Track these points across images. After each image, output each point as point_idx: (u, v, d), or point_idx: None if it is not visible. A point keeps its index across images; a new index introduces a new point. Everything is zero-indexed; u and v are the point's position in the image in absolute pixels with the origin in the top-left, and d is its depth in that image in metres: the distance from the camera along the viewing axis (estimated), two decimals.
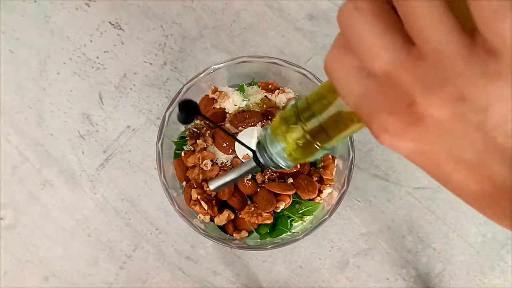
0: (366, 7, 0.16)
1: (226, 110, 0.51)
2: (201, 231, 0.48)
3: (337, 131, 0.22)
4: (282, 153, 0.25)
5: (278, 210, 0.49)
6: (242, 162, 0.30)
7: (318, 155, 0.25)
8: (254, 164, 0.28)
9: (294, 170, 0.49)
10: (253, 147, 0.47)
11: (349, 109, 0.20)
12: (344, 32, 0.17)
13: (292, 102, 0.24)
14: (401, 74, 0.15)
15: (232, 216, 0.49)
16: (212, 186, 0.31)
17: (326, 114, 0.22)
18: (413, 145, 0.16)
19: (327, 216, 0.48)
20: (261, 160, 0.27)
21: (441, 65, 0.14)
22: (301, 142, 0.24)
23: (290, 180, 0.50)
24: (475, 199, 0.17)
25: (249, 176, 0.50)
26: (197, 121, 0.52)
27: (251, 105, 0.51)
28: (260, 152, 0.27)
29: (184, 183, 0.51)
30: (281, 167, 0.27)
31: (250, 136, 0.47)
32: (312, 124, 0.23)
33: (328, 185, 0.50)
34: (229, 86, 0.53)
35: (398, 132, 0.16)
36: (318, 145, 0.23)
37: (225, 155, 0.50)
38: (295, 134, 0.24)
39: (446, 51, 0.14)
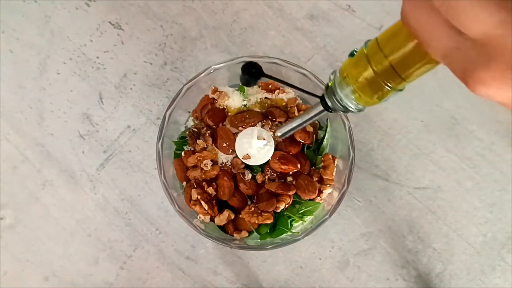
0: None
1: (226, 110, 0.51)
2: (201, 231, 0.48)
3: (409, 71, 0.23)
4: (351, 95, 0.25)
5: (278, 210, 0.49)
6: (310, 106, 0.31)
7: (388, 97, 0.25)
8: (321, 108, 0.29)
9: (295, 170, 0.49)
10: (254, 146, 0.47)
11: (426, 54, 0.20)
12: None
13: (362, 44, 0.24)
14: (502, 34, 0.16)
15: (232, 216, 0.49)
16: (280, 132, 0.32)
17: (398, 55, 0.22)
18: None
19: (327, 216, 0.48)
20: (329, 103, 0.27)
21: None
22: (371, 83, 0.24)
23: (290, 179, 0.50)
24: None
25: (249, 176, 0.50)
26: (197, 121, 0.52)
27: (251, 105, 0.51)
28: (329, 95, 0.27)
29: (184, 183, 0.51)
30: (351, 110, 0.27)
31: (250, 136, 0.47)
32: (382, 65, 0.23)
33: (328, 185, 0.50)
34: (229, 86, 0.53)
35: (498, 85, 0.17)
36: (389, 86, 0.24)
37: (225, 155, 0.50)
38: (365, 75, 0.24)
39: None
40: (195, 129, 0.51)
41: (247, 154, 0.48)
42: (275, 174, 0.49)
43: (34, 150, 0.57)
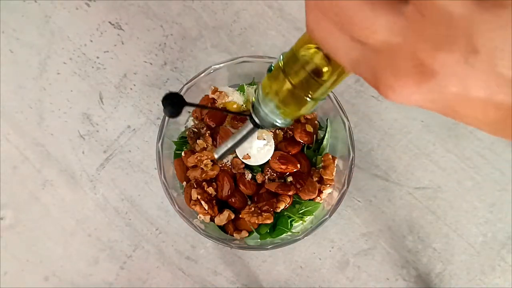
0: None
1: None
2: (201, 231, 0.48)
3: (326, 80, 0.23)
4: (275, 110, 0.25)
5: (278, 210, 0.49)
6: (240, 127, 0.31)
7: (310, 108, 0.25)
8: (251, 126, 0.29)
9: (295, 170, 0.49)
10: (254, 146, 0.47)
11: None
12: (324, 7, 0.17)
13: (278, 57, 0.24)
14: (401, 40, 0.16)
15: (232, 216, 0.49)
16: (217, 154, 0.32)
17: (312, 64, 0.22)
18: (424, 97, 0.17)
19: (327, 216, 0.48)
20: (256, 120, 0.27)
21: (447, 21, 0.14)
22: (292, 96, 0.24)
23: (290, 179, 0.50)
24: (486, 125, 0.18)
25: (249, 176, 0.50)
26: (197, 121, 0.52)
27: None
28: (255, 113, 0.27)
29: (184, 183, 0.51)
30: (278, 125, 0.27)
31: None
32: (299, 75, 0.23)
33: (328, 185, 0.50)
34: (229, 86, 0.53)
35: (408, 90, 0.17)
36: (309, 97, 0.23)
37: None
38: (284, 89, 0.24)
39: (453, 7, 0.14)
40: (195, 129, 0.51)
41: (247, 154, 0.48)
42: (275, 174, 0.49)
43: (34, 150, 0.57)
